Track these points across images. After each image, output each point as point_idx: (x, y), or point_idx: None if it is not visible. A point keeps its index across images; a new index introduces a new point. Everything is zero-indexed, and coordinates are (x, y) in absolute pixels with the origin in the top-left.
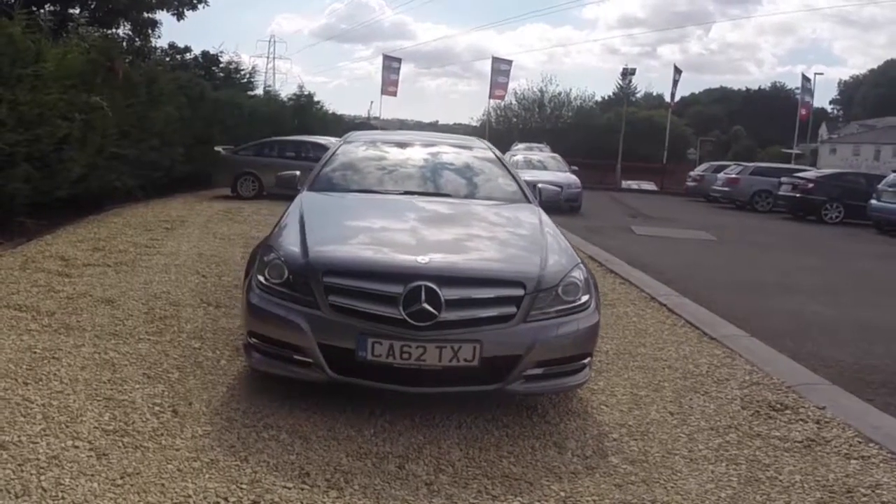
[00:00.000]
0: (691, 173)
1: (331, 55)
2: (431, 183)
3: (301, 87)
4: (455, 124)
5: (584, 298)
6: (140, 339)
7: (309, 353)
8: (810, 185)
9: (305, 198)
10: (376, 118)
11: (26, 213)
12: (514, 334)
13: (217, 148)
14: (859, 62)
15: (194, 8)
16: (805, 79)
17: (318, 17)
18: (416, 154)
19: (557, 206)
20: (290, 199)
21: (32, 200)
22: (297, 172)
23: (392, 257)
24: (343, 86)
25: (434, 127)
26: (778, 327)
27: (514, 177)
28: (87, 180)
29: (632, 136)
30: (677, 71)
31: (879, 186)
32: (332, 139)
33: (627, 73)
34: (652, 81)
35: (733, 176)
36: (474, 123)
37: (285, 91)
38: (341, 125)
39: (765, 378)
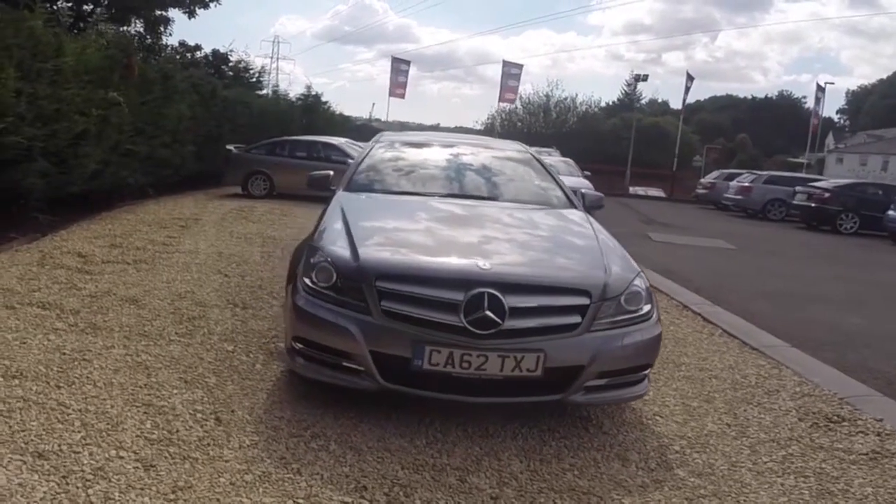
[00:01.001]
0: (702, 180)
1: (333, 57)
2: (474, 186)
3: (309, 87)
4: (456, 127)
5: (647, 308)
6: (171, 340)
7: (359, 361)
8: (826, 195)
9: (344, 198)
10: (377, 120)
11: (39, 208)
12: (578, 344)
13: (228, 146)
14: (866, 72)
15: (206, 6)
16: (819, 88)
17: (321, 18)
18: (455, 156)
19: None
20: (302, 199)
21: (46, 195)
22: (331, 172)
23: (450, 262)
24: (345, 87)
25: (436, 129)
26: (816, 337)
27: (556, 181)
28: (101, 176)
29: (638, 142)
30: (689, 78)
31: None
32: (342, 140)
33: (639, 79)
34: (657, 88)
35: (746, 184)
36: (478, 127)
37: (292, 91)
38: (348, 126)
39: (815, 389)
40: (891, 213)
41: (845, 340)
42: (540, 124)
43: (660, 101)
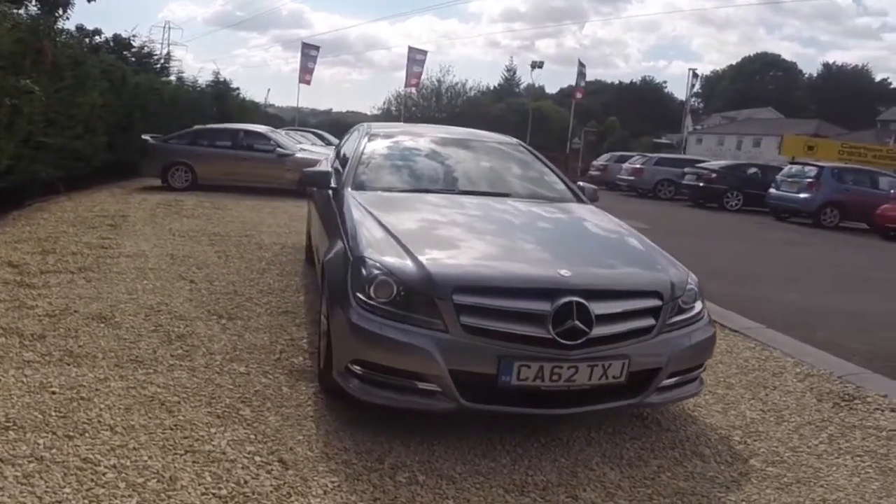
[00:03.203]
0: (594, 163)
1: (227, 43)
2: (485, 182)
3: (217, 73)
4: (348, 112)
5: (699, 306)
6: (171, 365)
7: (437, 381)
8: (713, 175)
9: (362, 199)
10: (271, 105)
11: None
12: (655, 346)
13: (144, 136)
14: (714, 58)
15: None
16: (694, 75)
17: (212, 4)
18: (457, 150)
19: None
20: (228, 190)
21: None
22: (330, 169)
23: (531, 271)
24: (238, 73)
25: (328, 115)
26: (777, 317)
27: (556, 173)
28: (13, 172)
29: (522, 125)
30: (582, 65)
31: (778, 177)
32: (266, 128)
33: (534, 66)
34: (538, 74)
35: (638, 166)
36: (375, 112)
37: (198, 78)
38: (259, 112)
39: (813, 370)
40: (772, 191)
41: (803, 319)
42: (433, 109)
43: (537, 86)
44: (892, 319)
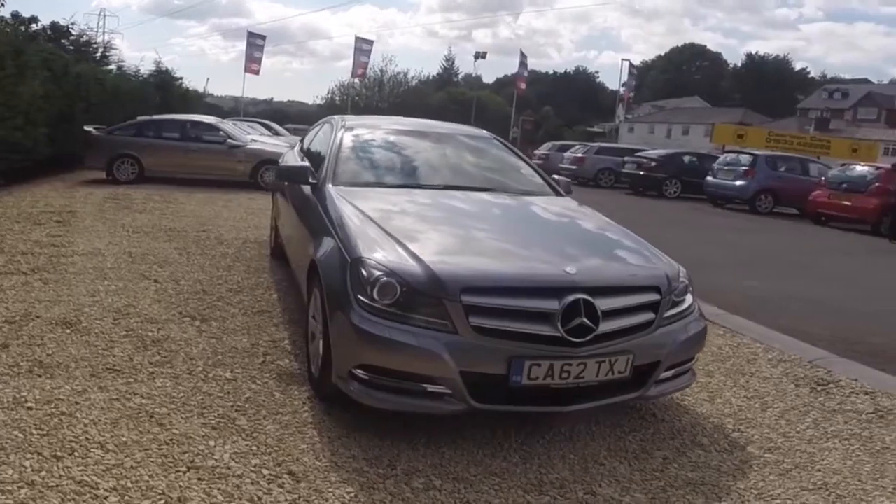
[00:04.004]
0: (536, 152)
1: (164, 31)
2: (469, 176)
3: (158, 62)
4: (290, 101)
5: (690, 299)
6: (151, 374)
7: (447, 383)
8: (653, 164)
9: (346, 195)
10: (210, 95)
11: None
12: (656, 340)
13: (87, 127)
14: (642, 49)
15: None
16: (632, 66)
17: None
18: (436, 144)
19: None
20: (177, 183)
21: None
22: (307, 164)
23: (537, 269)
24: (175, 62)
25: (269, 104)
26: (738, 303)
27: (532, 166)
28: None
29: (461, 114)
30: (523, 55)
31: (715, 165)
32: (215, 119)
33: (478, 56)
34: (476, 64)
35: (580, 155)
36: (319, 101)
37: (139, 68)
38: (202, 102)
39: (784, 355)
40: (709, 178)
41: (763, 305)
42: (376, 98)
43: (474, 76)
44: (845, 304)
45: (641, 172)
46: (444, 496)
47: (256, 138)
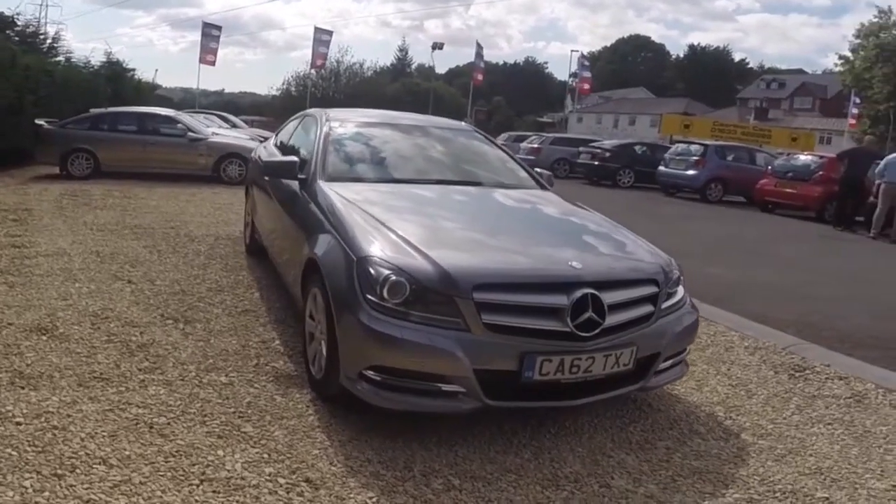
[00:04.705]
0: None
1: (110, 22)
2: (460, 170)
3: (109, 53)
4: (242, 93)
5: (682, 291)
6: (142, 381)
7: (461, 382)
8: (607, 154)
9: (341, 191)
10: (159, 86)
11: None
12: (656, 332)
13: (38, 121)
14: (588, 40)
15: None
16: (584, 56)
17: None
18: (421, 137)
19: None
20: (135, 178)
21: None
22: (296, 159)
23: (545, 265)
24: (122, 53)
25: (221, 96)
26: (707, 291)
27: (516, 160)
28: None
29: (417, 104)
30: (479, 46)
31: (667, 155)
32: (173, 111)
33: (435, 47)
34: (433, 55)
35: (536, 146)
36: (274, 92)
37: (90, 59)
38: (153, 95)
39: (759, 343)
40: (661, 168)
41: (728, 292)
42: (332, 89)
43: (427, 66)
44: (806, 290)
45: (596, 163)
46: (465, 496)
47: (217, 131)
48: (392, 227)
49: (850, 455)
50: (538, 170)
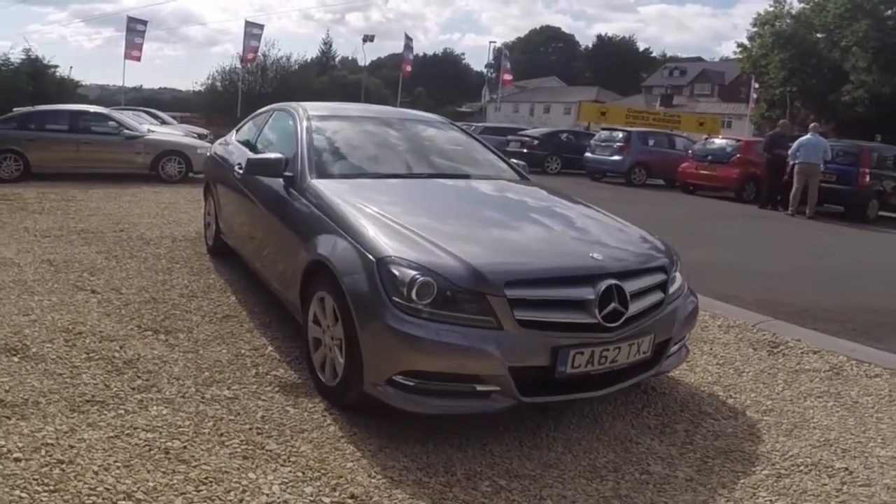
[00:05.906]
0: None
1: (19, 18)
2: (446, 164)
3: (29, 50)
4: (161, 88)
5: (681, 278)
6: (139, 401)
7: (496, 381)
8: (535, 142)
9: (335, 188)
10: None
11: None
12: (668, 318)
13: None
14: (501, 31)
15: None
16: (505, 47)
17: None
18: (405, 131)
19: None
20: (69, 179)
21: None
22: (282, 156)
23: (570, 258)
24: (35, 50)
25: (139, 92)
26: None
27: (493, 151)
28: None
29: (347, 98)
30: (408, 38)
31: (592, 142)
32: (106, 109)
33: (366, 40)
34: (364, 47)
35: None
36: (198, 88)
37: (8, 56)
38: (76, 92)
39: (729, 321)
40: (588, 154)
41: (686, 273)
42: (259, 83)
43: (350, 58)
44: (754, 268)
45: (525, 150)
46: (517, 495)
47: (152, 128)
48: (404, 224)
49: (849, 425)
50: (515, 161)
